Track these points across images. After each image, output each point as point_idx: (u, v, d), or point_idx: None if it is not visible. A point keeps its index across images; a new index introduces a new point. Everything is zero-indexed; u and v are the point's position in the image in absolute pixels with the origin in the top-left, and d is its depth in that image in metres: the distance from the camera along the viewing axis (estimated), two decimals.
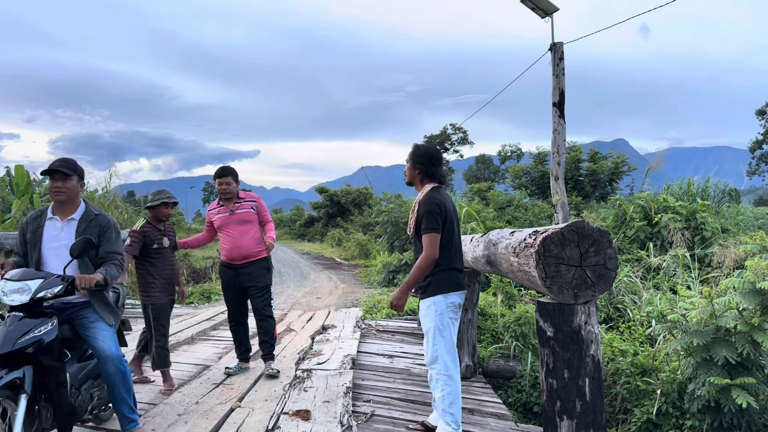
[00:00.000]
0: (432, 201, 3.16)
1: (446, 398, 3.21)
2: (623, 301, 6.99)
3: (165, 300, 4.33)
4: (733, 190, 13.73)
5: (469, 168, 55.73)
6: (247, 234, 4.55)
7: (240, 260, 4.55)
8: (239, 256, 4.54)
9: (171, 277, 4.39)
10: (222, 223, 4.58)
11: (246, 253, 4.54)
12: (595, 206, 15.14)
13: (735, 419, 3.44)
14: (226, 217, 4.56)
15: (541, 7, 9.13)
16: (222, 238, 4.63)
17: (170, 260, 4.41)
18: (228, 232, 4.56)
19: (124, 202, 15.85)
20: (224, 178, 4.54)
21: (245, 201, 4.62)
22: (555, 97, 9.27)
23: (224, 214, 4.58)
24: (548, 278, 2.44)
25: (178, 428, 3.40)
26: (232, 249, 4.54)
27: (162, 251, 4.33)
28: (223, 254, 4.65)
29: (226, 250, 4.58)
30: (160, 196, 4.38)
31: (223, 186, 4.54)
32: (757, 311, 3.50)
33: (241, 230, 4.54)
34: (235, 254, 4.54)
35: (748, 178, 48.16)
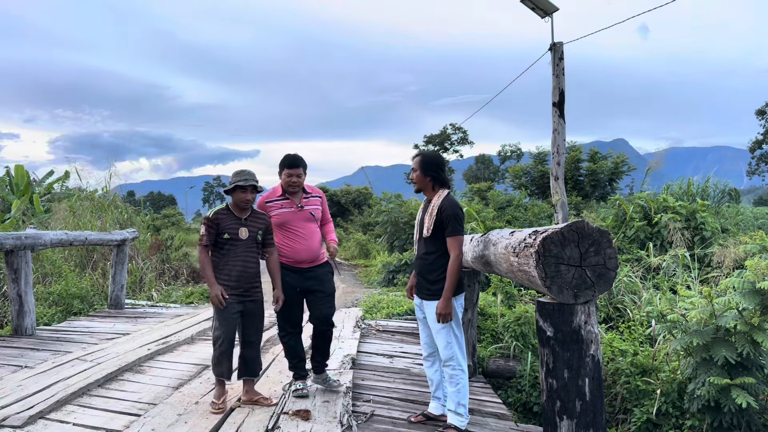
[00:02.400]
0: (457, 206, 3.47)
1: (461, 392, 3.44)
2: (623, 301, 6.99)
3: (231, 299, 3.71)
4: (732, 190, 13.73)
5: (468, 168, 55.71)
6: (316, 233, 4.06)
7: (309, 263, 4.00)
8: (309, 258, 3.99)
9: (242, 276, 3.72)
10: (286, 219, 3.96)
11: (316, 255, 4.02)
12: (594, 206, 15.14)
13: (735, 419, 3.44)
14: (293, 212, 3.96)
15: (541, 7, 9.13)
16: (284, 236, 4.00)
17: (245, 256, 3.72)
18: (295, 230, 3.97)
19: (124, 202, 15.84)
20: (295, 170, 3.93)
21: (312, 196, 4.07)
22: (555, 97, 9.27)
23: (290, 209, 3.96)
24: (548, 278, 2.44)
25: (178, 428, 3.40)
26: (301, 250, 3.96)
27: (234, 243, 3.69)
28: (284, 255, 3.99)
29: (294, 251, 3.97)
30: (236, 179, 3.72)
31: (293, 178, 3.93)
32: (757, 311, 3.50)
33: (310, 229, 4.01)
34: (304, 256, 3.97)
35: (748, 178, 48.16)
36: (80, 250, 10.90)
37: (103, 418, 3.57)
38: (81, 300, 8.70)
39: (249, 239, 3.72)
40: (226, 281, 3.68)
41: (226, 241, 3.68)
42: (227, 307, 3.67)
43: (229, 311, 3.69)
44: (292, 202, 3.97)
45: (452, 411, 3.46)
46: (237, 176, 3.71)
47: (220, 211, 3.73)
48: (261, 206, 4.00)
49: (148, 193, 77.59)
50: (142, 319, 7.52)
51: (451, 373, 3.44)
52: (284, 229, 3.99)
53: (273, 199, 4.03)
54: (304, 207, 3.99)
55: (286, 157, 3.99)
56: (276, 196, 4.03)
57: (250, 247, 3.74)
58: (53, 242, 6.74)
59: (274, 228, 3.97)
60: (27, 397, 3.78)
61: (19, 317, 6.26)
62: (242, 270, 3.71)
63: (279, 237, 4.01)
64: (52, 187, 17.10)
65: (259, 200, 4.02)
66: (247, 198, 3.68)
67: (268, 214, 3.99)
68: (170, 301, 10.16)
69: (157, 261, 13.04)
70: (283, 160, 3.99)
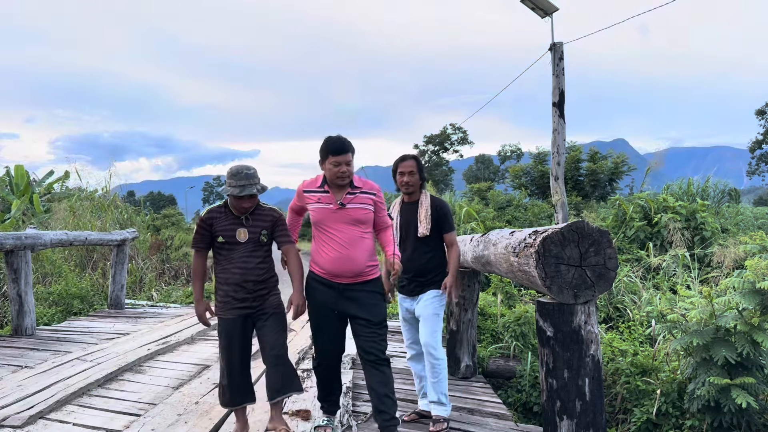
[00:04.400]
0: (448, 205, 3.57)
1: (442, 382, 3.53)
2: (623, 301, 6.99)
3: (228, 314, 3.14)
4: (732, 190, 13.73)
5: (468, 168, 55.72)
6: (361, 241, 3.10)
7: (348, 278, 3.10)
8: (348, 272, 3.08)
9: (241, 286, 3.10)
10: (322, 217, 3.10)
11: (358, 269, 3.09)
12: (594, 206, 15.15)
13: (735, 419, 3.45)
14: (331, 211, 3.08)
15: (541, 7, 9.13)
16: (319, 239, 3.16)
17: (244, 261, 3.10)
18: (332, 233, 3.09)
19: (124, 202, 15.84)
20: (343, 156, 3.02)
21: (362, 191, 3.12)
22: (555, 97, 9.27)
23: (328, 205, 3.09)
24: (548, 278, 2.44)
25: (178, 428, 3.40)
26: (338, 260, 3.06)
27: (231, 247, 3.10)
28: (317, 264, 3.18)
29: (328, 260, 3.10)
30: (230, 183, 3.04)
31: (342, 167, 3.02)
32: (757, 311, 3.51)
33: (353, 234, 3.08)
34: (341, 268, 3.08)
35: (747, 178, 48.17)
36: (80, 250, 10.90)
37: (103, 418, 3.57)
38: (81, 300, 8.70)
39: (249, 241, 3.11)
40: (225, 292, 3.14)
41: (222, 245, 3.12)
42: (227, 326, 3.14)
43: (227, 328, 3.13)
44: (331, 197, 3.09)
45: (436, 402, 3.55)
46: (233, 179, 3.04)
47: (215, 210, 3.18)
48: (299, 194, 3.28)
49: (148, 193, 77.64)
50: (142, 319, 7.52)
51: (433, 363, 3.49)
52: (319, 229, 3.16)
53: (312, 189, 3.18)
54: (346, 205, 3.07)
55: (330, 141, 3.07)
56: (316, 186, 3.17)
57: (251, 252, 3.11)
58: (53, 242, 6.74)
59: (312, 226, 3.23)
60: (27, 397, 3.78)
61: (19, 317, 6.26)
62: (241, 279, 3.09)
63: (314, 240, 3.23)
64: (52, 187, 17.10)
65: (299, 187, 3.29)
66: (243, 206, 3.07)
67: (304, 205, 3.28)
68: (170, 301, 10.16)
69: (157, 261, 13.04)
70: (326, 144, 3.07)
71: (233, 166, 3.09)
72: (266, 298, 3.20)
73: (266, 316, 3.17)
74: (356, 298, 3.13)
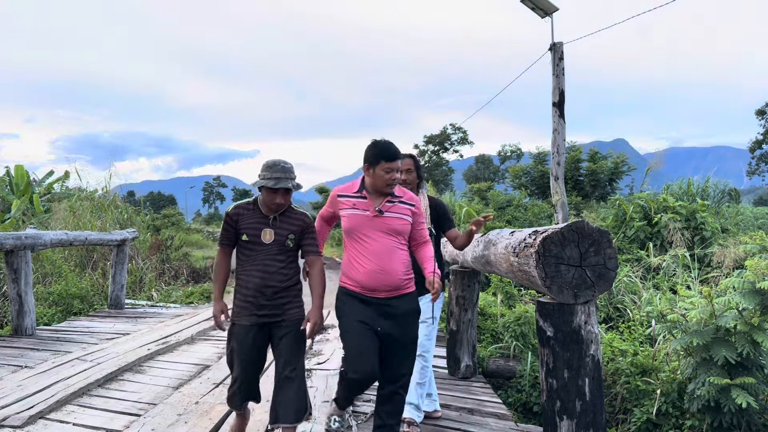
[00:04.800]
0: (446, 204, 3.55)
1: (426, 385, 3.56)
2: (623, 301, 6.99)
3: (244, 320, 2.91)
4: (732, 190, 13.74)
5: (469, 168, 55.75)
6: (398, 252, 2.90)
7: (384, 292, 2.87)
8: (385, 286, 2.86)
9: (260, 291, 2.88)
10: (355, 225, 2.89)
11: (396, 283, 2.88)
12: (594, 206, 15.16)
13: (735, 419, 3.45)
14: (367, 218, 2.88)
15: (541, 7, 9.13)
16: (352, 249, 2.94)
17: (266, 264, 2.89)
18: (366, 242, 2.87)
19: (124, 202, 15.85)
20: (396, 163, 2.86)
21: (401, 201, 2.95)
22: (555, 97, 9.27)
23: (365, 212, 2.89)
24: (548, 278, 2.44)
25: (178, 428, 3.40)
26: (374, 273, 2.84)
27: (254, 247, 2.90)
28: (351, 278, 2.93)
29: (363, 273, 2.86)
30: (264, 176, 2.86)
31: (394, 174, 2.86)
32: (757, 311, 3.51)
33: (390, 245, 2.87)
34: (378, 281, 2.85)
35: (748, 178, 48.19)
36: (80, 250, 10.90)
37: (103, 418, 3.57)
38: (81, 300, 8.70)
39: (274, 244, 2.90)
40: (244, 296, 2.93)
41: (246, 244, 2.92)
42: (239, 330, 2.92)
43: (241, 336, 2.91)
44: (369, 203, 2.89)
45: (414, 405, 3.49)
46: (268, 171, 2.85)
47: (243, 206, 2.98)
48: (332, 200, 3.07)
49: (148, 193, 77.63)
50: (142, 319, 7.52)
51: (423, 364, 3.50)
52: (353, 238, 2.93)
53: (347, 194, 2.99)
54: (385, 213, 2.87)
55: (383, 145, 2.88)
56: (352, 191, 2.98)
57: (275, 255, 2.90)
58: (53, 242, 6.74)
59: (344, 235, 3.01)
60: (27, 397, 3.78)
61: (19, 317, 6.27)
62: (261, 283, 2.87)
63: (346, 251, 3.00)
64: (52, 187, 17.11)
65: (332, 193, 3.09)
66: (276, 201, 2.86)
67: (337, 211, 3.05)
68: (170, 301, 10.17)
69: (157, 261, 13.04)
70: (378, 149, 2.87)
71: (269, 159, 2.89)
72: (287, 309, 2.95)
73: (285, 330, 2.93)
74: (393, 314, 2.89)
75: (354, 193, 2.97)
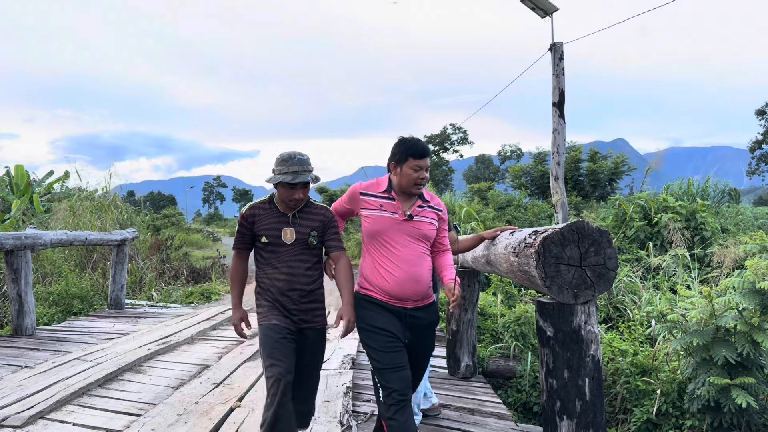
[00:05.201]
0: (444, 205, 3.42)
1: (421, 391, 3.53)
2: (623, 301, 6.99)
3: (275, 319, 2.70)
4: (732, 190, 13.73)
5: (468, 168, 55.76)
6: (426, 260, 2.77)
7: (413, 300, 2.72)
8: (414, 294, 2.70)
9: (287, 295, 2.70)
10: (383, 228, 2.70)
11: (425, 291, 2.74)
12: (594, 206, 15.15)
13: (735, 419, 3.45)
14: (396, 221, 2.70)
15: (541, 7, 9.13)
16: (376, 254, 2.73)
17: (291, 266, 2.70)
18: (394, 248, 2.68)
19: (124, 202, 15.85)
20: (425, 160, 2.70)
21: (429, 206, 2.81)
22: (555, 97, 9.27)
23: (393, 214, 2.72)
24: (548, 278, 2.44)
25: (178, 428, 3.40)
26: (405, 281, 2.66)
27: (275, 249, 2.70)
28: (374, 284, 2.72)
29: (393, 281, 2.66)
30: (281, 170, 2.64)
31: (422, 173, 2.70)
32: (757, 311, 3.50)
33: (416, 251, 2.72)
34: (408, 290, 2.68)
35: (748, 178, 48.20)
36: (80, 250, 10.91)
37: (103, 418, 3.57)
38: (81, 300, 8.70)
39: (297, 243, 2.70)
40: (269, 300, 2.72)
41: (265, 247, 2.71)
42: (273, 328, 2.65)
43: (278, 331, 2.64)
44: (397, 205, 2.72)
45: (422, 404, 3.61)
46: (283, 165, 2.63)
47: (258, 206, 2.76)
48: (353, 197, 2.84)
49: (148, 193, 77.67)
50: (142, 319, 7.53)
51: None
52: (378, 242, 2.72)
53: (372, 193, 2.79)
54: (415, 217, 2.72)
55: (411, 142, 2.72)
56: (379, 191, 2.78)
57: (299, 255, 2.71)
58: (53, 242, 6.74)
59: (363, 238, 2.81)
60: (27, 397, 3.79)
61: (19, 317, 6.27)
62: (287, 286, 2.68)
63: (368, 255, 2.78)
64: (52, 187, 17.11)
65: (354, 188, 2.86)
66: (295, 197, 2.66)
67: (357, 210, 2.84)
68: (170, 301, 10.17)
69: (157, 261, 13.04)
70: (405, 146, 2.71)
71: (283, 152, 2.68)
72: (313, 315, 2.75)
73: (308, 341, 2.73)
74: (419, 325, 2.74)
75: (381, 193, 2.76)
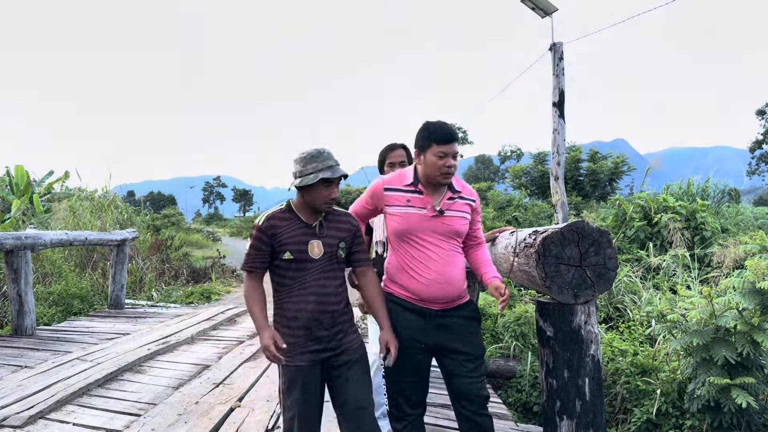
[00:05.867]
0: None
1: None
2: (623, 301, 6.99)
3: (298, 360, 2.29)
4: (732, 190, 13.73)
5: (469, 168, 55.77)
6: (459, 258, 2.52)
7: (442, 303, 2.47)
8: (445, 297, 2.46)
9: (317, 319, 2.29)
10: (412, 225, 2.44)
11: (457, 293, 2.49)
12: (594, 206, 15.16)
13: (735, 419, 3.45)
14: (425, 217, 2.44)
15: (541, 7, 9.13)
16: (404, 253, 2.48)
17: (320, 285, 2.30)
18: (424, 247, 2.44)
19: (124, 202, 15.85)
20: (451, 146, 2.39)
21: (460, 197, 2.53)
22: (555, 97, 9.27)
23: (421, 210, 2.44)
24: (548, 278, 2.44)
25: (178, 428, 3.40)
26: (437, 283, 2.43)
27: (301, 266, 2.28)
28: (401, 284, 2.49)
29: (423, 282, 2.43)
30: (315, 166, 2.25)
31: (449, 160, 2.39)
32: (757, 311, 3.50)
33: (449, 248, 2.47)
34: (439, 292, 2.44)
35: (748, 178, 48.22)
36: (80, 250, 10.91)
37: (103, 418, 3.57)
38: (81, 300, 8.70)
39: (324, 258, 2.31)
40: (292, 329, 2.29)
41: (289, 264, 2.28)
42: (295, 374, 2.28)
43: (309, 382, 2.29)
44: (426, 199, 2.45)
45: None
46: (315, 162, 2.25)
47: (277, 216, 2.32)
48: (376, 193, 2.54)
49: (148, 193, 77.65)
50: (142, 319, 7.53)
51: None
52: (405, 241, 2.46)
53: (397, 187, 2.50)
54: (445, 212, 2.45)
55: (434, 126, 2.43)
56: (403, 184, 2.50)
57: (328, 272, 2.32)
58: (53, 242, 6.74)
59: (390, 237, 2.52)
60: (27, 397, 3.79)
61: (19, 317, 6.27)
62: (317, 309, 2.28)
63: (395, 254, 2.52)
64: (52, 187, 17.11)
65: (376, 185, 2.56)
66: (331, 198, 2.28)
67: (381, 207, 2.55)
68: (170, 301, 10.17)
69: (157, 261, 13.05)
70: (428, 130, 2.43)
71: (304, 152, 2.31)
72: (346, 336, 2.38)
73: (348, 363, 2.35)
74: (453, 326, 2.47)
75: (406, 186, 2.48)
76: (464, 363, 2.46)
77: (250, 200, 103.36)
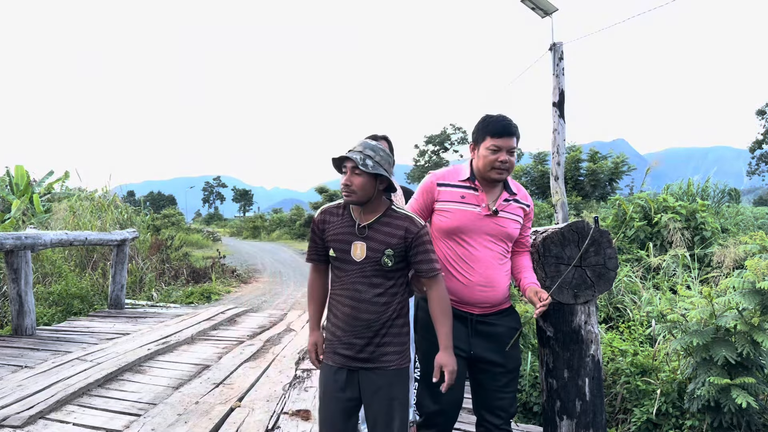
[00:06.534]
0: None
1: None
2: (623, 301, 6.99)
3: (329, 359, 2.20)
4: (732, 190, 13.73)
5: None
6: (504, 262, 2.38)
7: (484, 307, 2.35)
8: (487, 302, 2.34)
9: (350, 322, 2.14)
10: (463, 224, 2.31)
11: (500, 299, 2.36)
12: (594, 206, 15.15)
13: (735, 419, 3.45)
14: (478, 216, 2.32)
15: (541, 7, 9.14)
16: (448, 250, 2.36)
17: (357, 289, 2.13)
18: (470, 246, 2.32)
19: (124, 202, 15.85)
20: (506, 140, 2.26)
21: (515, 200, 2.41)
22: (555, 97, 9.27)
23: (475, 207, 2.32)
24: (548, 278, 2.44)
25: (178, 428, 3.40)
26: (480, 287, 2.31)
27: (343, 266, 2.17)
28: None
29: (465, 284, 2.31)
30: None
31: (502, 155, 2.27)
32: (757, 311, 3.50)
33: (499, 253, 2.35)
34: (482, 296, 2.32)
35: (748, 178, 48.22)
36: (80, 250, 10.90)
37: (103, 418, 3.57)
38: (81, 300, 8.70)
39: (367, 262, 2.12)
40: (332, 326, 2.20)
41: (335, 261, 2.19)
42: (324, 372, 2.19)
43: (328, 383, 2.16)
44: (481, 197, 2.32)
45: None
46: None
47: (331, 210, 2.23)
48: (428, 190, 2.40)
49: (148, 193, 77.67)
50: (142, 319, 7.52)
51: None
52: (453, 239, 2.34)
53: (451, 182, 2.37)
54: (500, 212, 2.33)
55: (491, 119, 2.29)
56: (458, 179, 2.37)
57: (369, 277, 2.12)
58: (53, 242, 6.74)
59: (434, 232, 2.39)
60: (27, 397, 3.79)
61: (19, 317, 6.26)
62: (350, 313, 2.13)
63: (437, 249, 2.36)
64: (52, 187, 17.11)
65: (428, 181, 2.42)
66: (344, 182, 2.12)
67: (433, 204, 2.39)
68: (170, 301, 10.17)
69: (157, 261, 13.04)
70: (484, 123, 2.31)
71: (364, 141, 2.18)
72: (383, 353, 2.13)
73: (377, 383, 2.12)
74: (493, 334, 2.33)
75: (461, 182, 2.35)
76: (499, 376, 2.34)
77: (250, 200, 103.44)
